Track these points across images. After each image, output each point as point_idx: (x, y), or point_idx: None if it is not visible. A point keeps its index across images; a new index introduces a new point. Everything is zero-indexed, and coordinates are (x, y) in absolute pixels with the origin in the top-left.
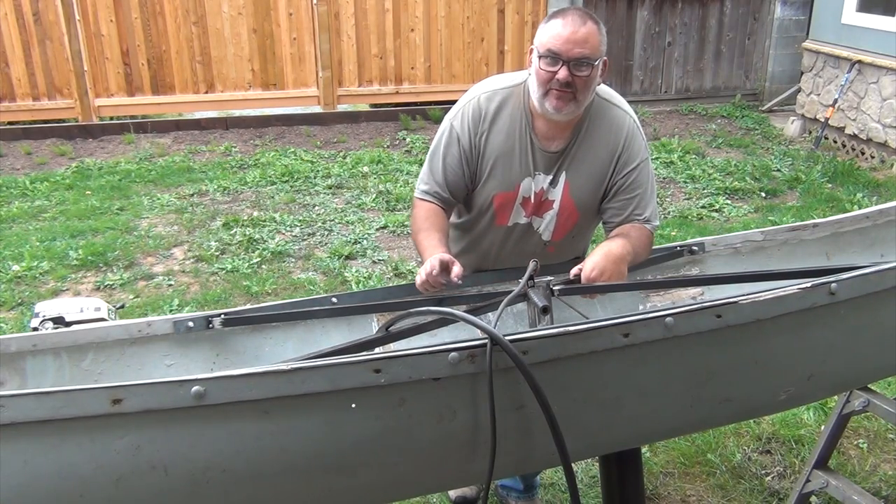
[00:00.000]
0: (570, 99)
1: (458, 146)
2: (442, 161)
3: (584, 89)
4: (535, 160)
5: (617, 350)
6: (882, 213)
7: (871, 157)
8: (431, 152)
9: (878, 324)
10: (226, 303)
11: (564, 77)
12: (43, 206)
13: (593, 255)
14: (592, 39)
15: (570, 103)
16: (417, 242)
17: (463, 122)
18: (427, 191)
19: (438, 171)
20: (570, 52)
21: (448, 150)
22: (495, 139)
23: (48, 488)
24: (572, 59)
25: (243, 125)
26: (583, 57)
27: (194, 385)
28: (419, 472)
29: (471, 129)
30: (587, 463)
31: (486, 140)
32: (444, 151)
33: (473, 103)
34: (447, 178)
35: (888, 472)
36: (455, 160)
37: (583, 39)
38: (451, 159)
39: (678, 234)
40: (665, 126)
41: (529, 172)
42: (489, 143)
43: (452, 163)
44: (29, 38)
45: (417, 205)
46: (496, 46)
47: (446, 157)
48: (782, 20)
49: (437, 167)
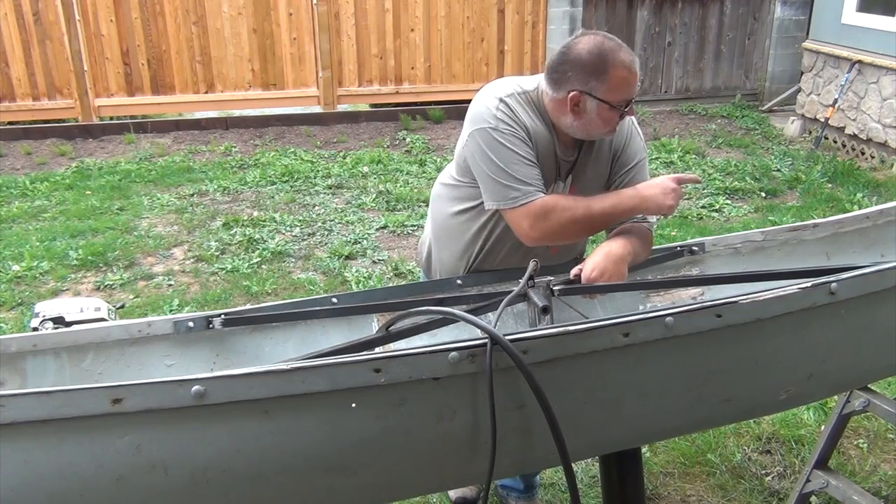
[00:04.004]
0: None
1: (522, 141)
2: (523, 159)
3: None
4: (559, 168)
5: (617, 350)
6: (882, 213)
7: (871, 157)
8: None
9: (878, 324)
10: (226, 303)
11: (631, 112)
12: (43, 206)
13: (593, 255)
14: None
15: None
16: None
17: (507, 120)
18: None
19: (525, 172)
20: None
21: (517, 148)
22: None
23: (48, 488)
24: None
25: (243, 125)
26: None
27: (194, 385)
28: (419, 472)
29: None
30: (587, 463)
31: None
32: (512, 151)
33: (503, 106)
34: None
35: (888, 472)
36: (531, 155)
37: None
38: (527, 155)
39: (678, 234)
40: (665, 126)
41: (552, 179)
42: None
43: (530, 157)
44: (29, 38)
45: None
46: (496, 46)
47: (522, 155)
48: (782, 20)
49: (520, 169)
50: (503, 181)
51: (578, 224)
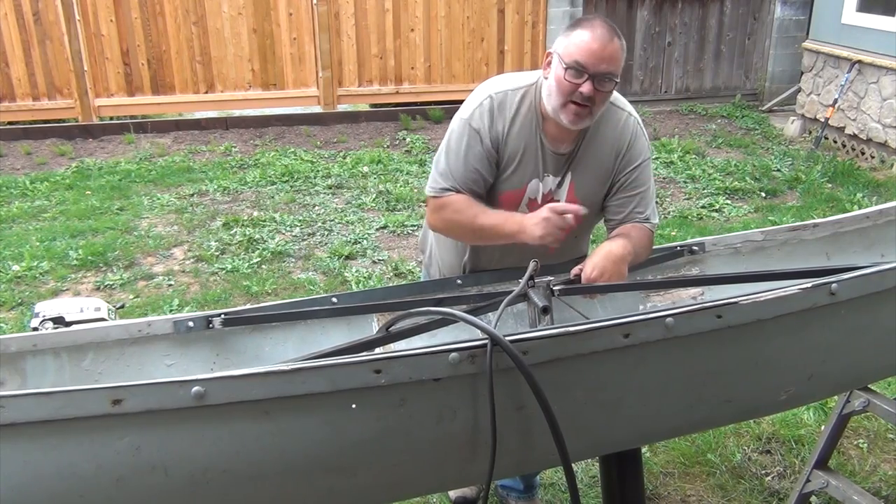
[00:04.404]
0: (588, 113)
1: (481, 145)
2: (464, 159)
3: (601, 103)
4: (545, 162)
5: (617, 350)
6: (882, 213)
7: (871, 157)
8: (447, 152)
9: (879, 324)
10: (226, 303)
11: (588, 91)
12: (43, 206)
13: (593, 255)
14: (619, 56)
15: (587, 118)
16: (479, 225)
17: (482, 121)
18: (448, 188)
19: (459, 170)
20: (598, 67)
21: (470, 149)
22: (512, 139)
23: (48, 488)
24: (598, 75)
25: (243, 125)
26: (609, 73)
27: (194, 385)
28: (419, 473)
29: (491, 128)
30: (587, 463)
31: (506, 139)
32: (465, 150)
33: (489, 102)
34: (468, 175)
35: (888, 472)
36: (477, 158)
37: (610, 56)
38: (474, 158)
39: (678, 234)
40: (665, 126)
41: (538, 174)
42: (508, 143)
43: (474, 161)
44: (29, 38)
45: (448, 199)
46: (496, 46)
47: (468, 156)
48: (782, 20)
49: (456, 166)
50: (437, 168)
51: (463, 229)
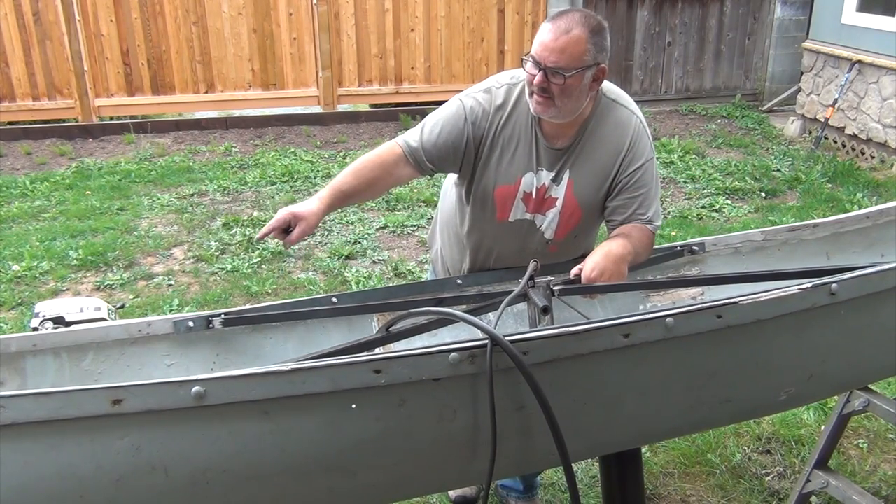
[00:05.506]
0: (549, 104)
1: (465, 124)
2: (439, 129)
3: (562, 96)
4: (538, 155)
5: (617, 350)
6: (882, 213)
7: (871, 157)
8: (431, 119)
9: (879, 324)
10: (226, 303)
11: (539, 82)
12: (43, 206)
13: (593, 255)
14: (573, 49)
15: (550, 108)
16: (340, 173)
17: (476, 105)
18: (409, 143)
19: (432, 137)
20: (546, 60)
21: (451, 123)
22: (505, 130)
23: (48, 489)
24: (547, 68)
25: (243, 125)
26: (557, 67)
27: (195, 385)
28: (419, 473)
29: (483, 114)
30: (587, 463)
31: (499, 129)
32: (445, 122)
33: (491, 92)
34: (437, 145)
35: (888, 472)
36: (454, 135)
37: (560, 49)
38: (451, 132)
39: (678, 234)
40: (665, 126)
41: (532, 167)
42: (501, 133)
43: (450, 136)
44: (29, 38)
45: (386, 147)
46: (496, 46)
47: (445, 128)
48: (782, 20)
49: (431, 132)
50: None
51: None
